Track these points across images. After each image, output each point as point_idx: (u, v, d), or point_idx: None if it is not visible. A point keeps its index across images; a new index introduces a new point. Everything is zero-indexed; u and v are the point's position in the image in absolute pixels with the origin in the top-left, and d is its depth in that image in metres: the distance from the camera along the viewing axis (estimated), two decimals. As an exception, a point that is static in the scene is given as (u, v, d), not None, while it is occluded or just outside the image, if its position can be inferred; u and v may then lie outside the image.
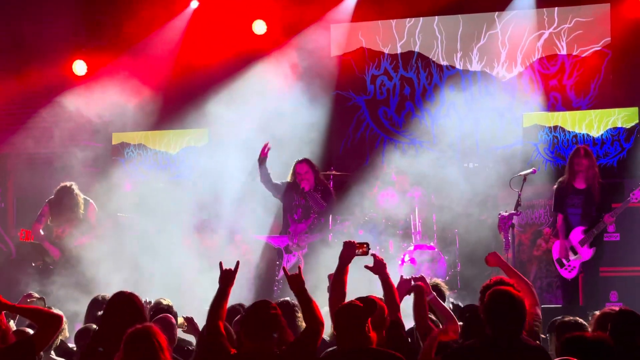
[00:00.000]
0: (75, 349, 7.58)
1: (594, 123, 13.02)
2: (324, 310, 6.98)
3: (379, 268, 7.12)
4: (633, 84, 12.80)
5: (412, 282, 7.18)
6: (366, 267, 7.20)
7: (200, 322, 7.32)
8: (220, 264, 6.64)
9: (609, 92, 13.08)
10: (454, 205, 12.09)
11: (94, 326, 7.38)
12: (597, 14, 13.17)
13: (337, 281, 6.73)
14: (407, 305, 7.10)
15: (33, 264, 11.72)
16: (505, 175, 11.84)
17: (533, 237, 12.27)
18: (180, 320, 7.69)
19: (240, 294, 11.93)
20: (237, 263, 6.67)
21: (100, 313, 7.83)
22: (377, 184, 12.66)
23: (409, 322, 6.92)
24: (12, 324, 6.93)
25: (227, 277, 6.59)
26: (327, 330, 6.77)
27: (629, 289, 11.49)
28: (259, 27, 14.08)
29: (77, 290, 10.76)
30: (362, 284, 7.65)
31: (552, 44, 13.42)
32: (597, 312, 7.08)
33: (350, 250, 6.83)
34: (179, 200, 12.96)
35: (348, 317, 6.06)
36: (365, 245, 6.90)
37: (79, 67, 14.30)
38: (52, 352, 7.27)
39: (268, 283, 12.43)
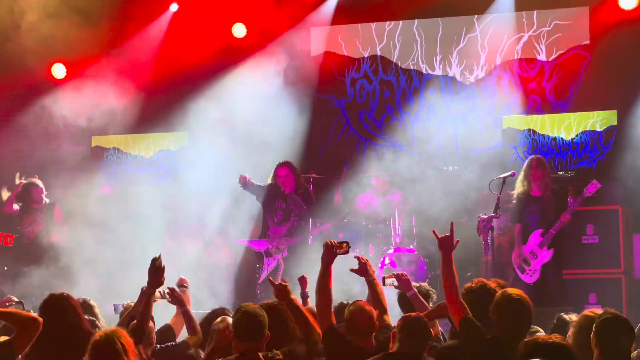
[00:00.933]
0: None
1: (572, 126, 13.07)
2: None
3: (364, 270, 7.09)
4: (612, 87, 12.83)
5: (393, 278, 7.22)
6: (351, 270, 7.18)
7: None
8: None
9: (587, 95, 13.11)
10: (433, 208, 12.11)
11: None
12: (576, 17, 13.22)
13: (322, 284, 6.64)
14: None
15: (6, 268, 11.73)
16: (485, 178, 11.86)
17: (512, 239, 12.28)
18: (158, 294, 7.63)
19: (223, 297, 11.98)
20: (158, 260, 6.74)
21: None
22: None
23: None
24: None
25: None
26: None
27: (607, 291, 11.54)
28: (239, 30, 14.07)
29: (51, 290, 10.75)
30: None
31: (531, 47, 13.46)
32: (563, 314, 7.16)
33: (330, 251, 6.75)
34: (158, 203, 12.90)
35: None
36: (345, 245, 6.84)
37: (58, 70, 14.26)
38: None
39: (249, 286, 12.42)
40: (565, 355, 5.04)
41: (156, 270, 6.74)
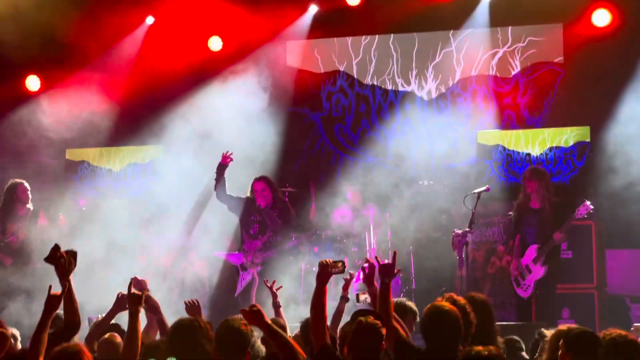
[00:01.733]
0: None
1: (546, 141, 13.15)
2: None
3: (369, 278, 6.90)
4: (585, 102, 12.93)
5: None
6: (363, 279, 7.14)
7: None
8: (50, 287, 6.40)
9: (561, 110, 13.20)
10: (408, 223, 12.13)
11: None
12: (550, 33, 13.32)
13: (317, 303, 6.51)
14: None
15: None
16: (460, 192, 11.90)
17: (487, 254, 12.34)
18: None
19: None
20: (66, 286, 6.46)
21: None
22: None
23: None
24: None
25: (52, 303, 6.37)
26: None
27: (580, 306, 11.60)
28: (215, 43, 14.07)
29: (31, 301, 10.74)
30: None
31: (506, 63, 13.54)
32: (544, 330, 7.18)
33: (325, 270, 6.60)
34: (132, 216, 12.86)
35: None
36: (340, 264, 6.76)
37: (32, 83, 14.20)
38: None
39: (226, 300, 12.38)
40: None
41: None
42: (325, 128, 14.21)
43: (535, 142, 13.19)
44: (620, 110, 12.45)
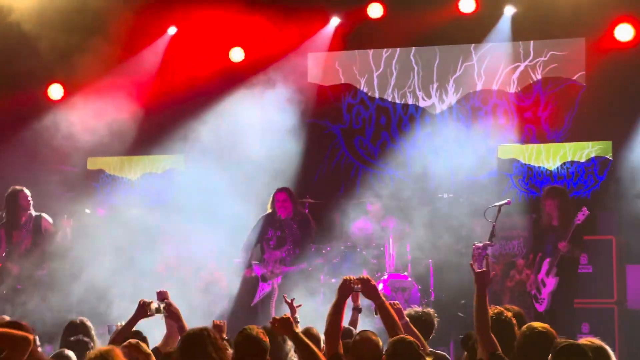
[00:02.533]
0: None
1: (568, 155, 13.12)
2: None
3: (369, 291, 6.89)
4: (607, 117, 12.90)
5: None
6: (362, 294, 7.16)
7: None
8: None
9: (583, 125, 13.17)
10: (428, 236, 12.12)
11: (67, 351, 7.27)
12: (572, 48, 13.30)
13: (334, 313, 6.63)
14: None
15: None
16: (480, 206, 11.87)
17: (506, 268, 12.31)
18: (155, 305, 7.54)
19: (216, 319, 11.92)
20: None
21: (73, 338, 7.76)
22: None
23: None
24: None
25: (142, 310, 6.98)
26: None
27: (600, 321, 11.55)
28: (237, 54, 14.13)
29: (46, 309, 10.76)
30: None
31: (527, 77, 13.53)
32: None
33: (347, 286, 6.74)
34: (152, 225, 12.89)
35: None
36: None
37: (55, 91, 14.27)
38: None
39: (243, 310, 12.39)
40: None
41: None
42: (345, 140, 14.22)
43: (556, 156, 13.16)
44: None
